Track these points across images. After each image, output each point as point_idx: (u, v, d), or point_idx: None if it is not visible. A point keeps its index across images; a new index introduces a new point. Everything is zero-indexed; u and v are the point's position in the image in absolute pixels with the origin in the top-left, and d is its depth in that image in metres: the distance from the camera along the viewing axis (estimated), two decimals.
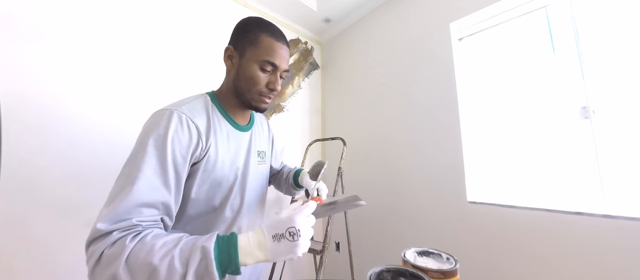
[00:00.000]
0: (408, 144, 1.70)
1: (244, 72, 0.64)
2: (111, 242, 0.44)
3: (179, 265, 0.42)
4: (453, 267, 0.51)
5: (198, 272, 0.42)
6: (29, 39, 1.07)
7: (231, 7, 1.81)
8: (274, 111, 2.02)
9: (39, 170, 1.05)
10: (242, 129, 0.72)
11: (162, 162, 0.52)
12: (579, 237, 1.03)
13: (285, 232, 0.47)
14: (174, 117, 0.55)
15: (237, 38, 0.66)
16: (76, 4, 1.19)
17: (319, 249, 1.46)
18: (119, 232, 0.45)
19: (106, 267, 0.42)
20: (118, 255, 0.42)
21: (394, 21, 1.89)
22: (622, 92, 1.04)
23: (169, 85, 1.45)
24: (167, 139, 0.53)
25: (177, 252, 0.43)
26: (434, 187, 1.53)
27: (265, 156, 0.80)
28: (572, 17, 1.17)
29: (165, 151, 0.52)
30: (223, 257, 0.44)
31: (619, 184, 1.02)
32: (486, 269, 1.26)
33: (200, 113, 0.61)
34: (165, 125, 0.54)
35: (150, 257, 0.42)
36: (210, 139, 0.60)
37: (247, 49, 0.64)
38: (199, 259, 0.42)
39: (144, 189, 0.48)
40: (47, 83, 1.10)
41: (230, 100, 0.69)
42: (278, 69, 0.66)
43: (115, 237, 0.44)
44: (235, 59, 0.66)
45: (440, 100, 1.54)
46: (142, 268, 0.41)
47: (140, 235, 0.45)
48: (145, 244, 0.44)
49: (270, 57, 0.63)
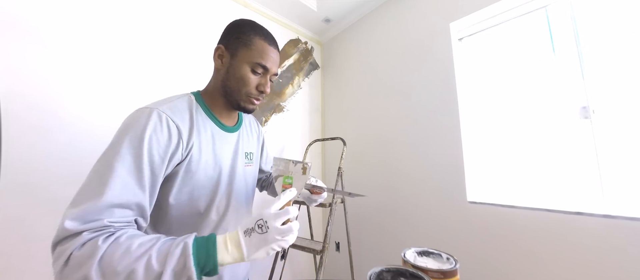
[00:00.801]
0: (408, 144, 1.70)
1: (235, 72, 0.63)
2: (81, 243, 0.42)
3: (157, 264, 0.41)
4: (453, 267, 0.51)
5: (175, 270, 0.41)
6: (28, 39, 1.07)
7: (231, 7, 1.81)
8: (274, 111, 2.02)
9: (39, 170, 1.05)
10: (229, 130, 0.70)
11: (137, 161, 0.49)
12: (579, 237, 1.03)
13: (254, 225, 0.48)
14: (153, 115, 0.53)
15: (229, 38, 0.65)
16: (76, 4, 1.19)
17: (319, 249, 1.46)
18: (90, 233, 0.43)
19: (75, 270, 0.40)
20: (89, 256, 0.40)
21: (394, 21, 1.89)
22: (622, 92, 1.04)
23: (168, 86, 1.45)
24: (145, 137, 0.51)
25: (155, 252, 0.42)
26: (434, 187, 1.53)
27: (253, 157, 0.79)
28: (572, 17, 1.17)
29: (142, 150, 0.50)
30: (201, 255, 0.44)
31: (619, 184, 1.02)
32: (486, 269, 1.26)
33: (182, 112, 0.60)
34: (144, 124, 0.52)
35: (126, 258, 0.41)
36: (193, 139, 0.59)
37: (239, 50, 0.63)
38: (177, 256, 0.42)
39: (116, 188, 0.46)
40: (46, 83, 1.09)
41: (217, 100, 0.68)
42: (268, 72, 0.66)
43: (86, 238, 0.42)
44: (226, 58, 0.65)
45: (440, 100, 1.54)
46: (116, 270, 0.40)
47: (113, 236, 0.44)
48: (119, 244, 0.42)
49: (263, 60, 0.63)
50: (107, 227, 0.44)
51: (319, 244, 1.54)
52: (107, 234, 0.44)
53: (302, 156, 2.09)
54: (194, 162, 0.59)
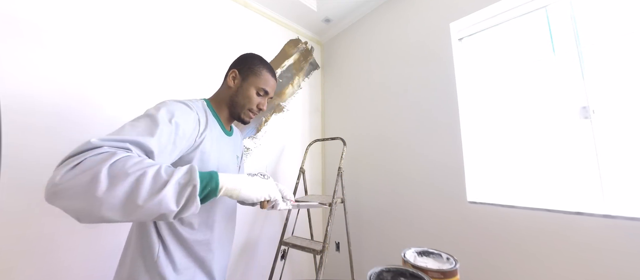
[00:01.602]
0: (408, 144, 1.70)
1: (243, 92, 0.81)
2: (99, 152, 0.45)
3: (165, 175, 0.46)
4: (453, 267, 0.51)
5: (181, 182, 0.47)
6: (29, 39, 1.07)
7: (231, 7, 1.81)
8: (274, 111, 2.02)
9: (39, 170, 1.05)
10: (228, 134, 0.85)
11: (166, 125, 0.57)
12: (579, 237, 1.03)
13: (257, 173, 0.66)
14: (182, 104, 0.66)
15: (242, 66, 0.83)
16: (76, 4, 1.19)
17: (319, 249, 1.46)
18: (110, 147, 0.47)
19: (84, 170, 0.42)
20: (103, 160, 0.43)
21: (394, 21, 1.89)
22: (622, 92, 1.04)
23: (168, 85, 1.45)
24: (175, 113, 0.61)
25: (164, 166, 0.48)
26: (434, 187, 1.53)
27: (240, 161, 0.94)
28: (572, 17, 1.17)
29: (172, 120, 0.59)
30: (204, 175, 0.51)
31: (619, 184, 1.02)
32: (486, 269, 1.26)
33: (201, 110, 0.73)
34: (177, 106, 0.64)
35: (137, 165, 0.45)
36: (206, 131, 0.71)
37: (250, 76, 0.81)
38: (184, 172, 0.48)
39: (140, 133, 0.53)
40: (47, 84, 1.09)
41: (222, 109, 0.83)
42: (267, 95, 0.84)
43: (105, 150, 0.46)
44: (237, 80, 0.82)
45: (441, 100, 1.53)
46: (127, 171, 0.43)
47: (131, 154, 0.48)
48: (134, 157, 0.47)
49: (266, 87, 0.82)
50: (127, 150, 0.49)
51: (319, 244, 1.54)
52: (125, 151, 0.49)
53: (302, 156, 2.09)
54: (206, 153, 0.71)
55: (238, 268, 1.71)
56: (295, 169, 2.11)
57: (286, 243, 1.62)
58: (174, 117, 0.60)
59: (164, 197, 0.44)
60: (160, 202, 0.44)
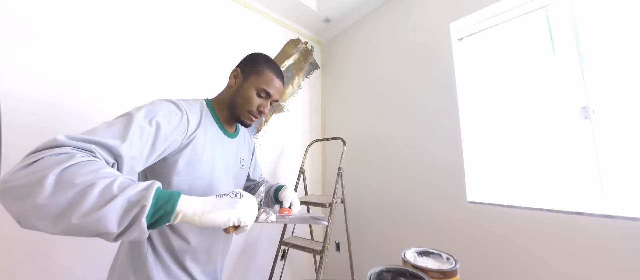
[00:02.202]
0: (408, 144, 1.70)
1: (243, 92, 0.76)
2: (60, 151, 0.42)
3: (116, 188, 0.40)
4: (453, 267, 0.51)
5: (131, 199, 0.40)
6: (28, 39, 1.07)
7: (231, 7, 1.80)
8: (274, 111, 2.02)
9: None
10: (230, 136, 0.81)
11: (143, 126, 0.54)
12: (579, 237, 1.03)
13: (228, 192, 0.55)
14: (170, 103, 0.64)
15: (245, 65, 0.78)
16: (76, 4, 1.19)
17: (319, 249, 1.46)
18: (73, 148, 0.43)
19: (38, 169, 0.38)
20: (58, 162, 0.39)
21: (394, 21, 1.89)
22: (622, 92, 1.04)
23: (168, 85, 1.45)
24: (158, 114, 0.58)
25: (120, 179, 0.42)
26: (434, 187, 1.53)
27: (245, 164, 0.90)
28: (572, 17, 1.17)
29: (152, 121, 0.56)
30: (164, 195, 0.44)
31: (619, 184, 1.02)
32: (486, 269, 1.26)
33: (194, 110, 0.69)
34: (162, 106, 0.61)
35: (90, 175, 0.39)
36: (197, 132, 0.67)
37: (251, 76, 0.76)
38: (140, 188, 0.42)
39: (114, 135, 0.49)
40: (47, 84, 1.09)
41: (223, 110, 0.79)
42: (270, 98, 0.78)
43: (67, 150, 0.42)
44: (239, 79, 0.77)
45: (440, 100, 1.54)
46: (74, 181, 0.38)
47: (92, 158, 0.44)
48: (93, 163, 0.42)
49: (268, 87, 0.76)
50: (91, 152, 0.45)
51: (319, 244, 1.54)
52: (89, 155, 0.44)
53: (302, 156, 2.09)
54: (197, 155, 0.67)
55: (238, 268, 1.71)
56: (295, 169, 2.11)
57: (286, 243, 1.62)
58: (155, 117, 0.56)
59: (105, 214, 0.38)
60: (99, 220, 0.37)
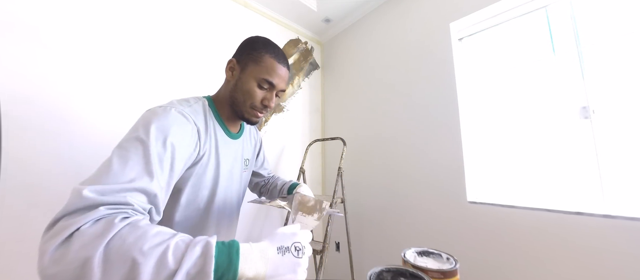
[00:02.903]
0: (408, 144, 1.70)
1: (242, 86, 0.67)
2: (95, 218, 0.37)
3: (172, 260, 0.35)
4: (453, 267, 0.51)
5: (190, 272, 0.35)
6: (29, 40, 1.07)
7: (231, 7, 1.80)
8: (274, 111, 2.02)
9: (39, 171, 1.05)
10: (234, 137, 0.74)
11: (160, 152, 0.48)
12: (579, 237, 1.03)
13: (291, 245, 0.44)
14: (177, 114, 0.55)
15: (242, 53, 0.68)
16: (76, 5, 1.19)
17: (319, 249, 1.46)
18: (108, 208, 0.38)
19: (78, 249, 0.34)
20: (100, 235, 0.35)
21: (394, 21, 1.89)
22: (622, 92, 1.04)
23: (168, 85, 1.45)
24: (170, 131, 0.51)
25: (173, 244, 0.37)
26: (434, 187, 1.53)
27: (249, 164, 0.84)
28: (572, 17, 1.17)
29: (166, 142, 0.49)
30: (222, 259, 0.38)
31: (619, 184, 1.02)
32: (486, 269, 1.26)
33: (200, 116, 0.63)
34: (171, 119, 0.53)
35: (140, 243, 0.35)
36: (207, 142, 0.62)
37: (249, 65, 0.67)
38: (196, 256, 0.36)
39: (138, 172, 0.44)
40: (47, 84, 1.09)
41: (225, 108, 0.71)
42: (275, 88, 0.68)
43: (102, 213, 0.37)
44: (236, 71, 0.68)
45: (440, 100, 1.54)
46: (125, 255, 0.34)
47: (131, 218, 0.39)
48: (138, 227, 0.37)
49: (269, 76, 0.66)
50: (128, 205, 0.41)
51: (319, 244, 1.54)
52: (125, 214, 0.39)
53: (302, 156, 2.09)
54: (204, 164, 0.63)
55: None
56: (295, 169, 2.11)
57: None
58: (168, 136, 0.50)
59: None
60: None
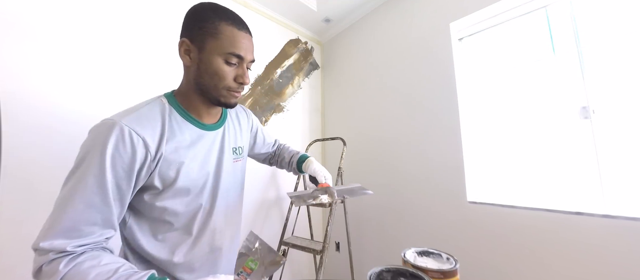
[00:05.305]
0: (408, 144, 1.70)
1: (207, 68, 0.57)
2: (48, 260, 0.46)
3: None
4: (453, 267, 0.51)
5: None
6: (28, 39, 1.07)
7: (231, 7, 1.79)
8: (274, 111, 2.02)
9: (39, 170, 1.05)
10: (211, 128, 0.66)
11: (100, 180, 0.49)
12: (579, 237, 1.03)
13: None
14: (115, 130, 0.50)
15: (191, 29, 0.57)
16: (76, 5, 1.19)
17: (319, 249, 1.46)
18: (54, 254, 0.46)
19: None
20: (50, 276, 0.45)
21: (393, 21, 1.89)
22: (622, 92, 1.04)
23: (168, 85, 1.44)
24: (106, 155, 0.49)
25: None
26: (434, 187, 1.53)
27: (242, 152, 0.76)
28: (572, 17, 1.17)
29: (104, 168, 0.49)
30: None
31: (619, 184, 1.02)
32: (486, 269, 1.26)
33: (151, 121, 0.55)
34: (105, 141, 0.49)
35: None
36: (163, 147, 0.55)
37: (206, 41, 0.56)
38: None
39: (81, 208, 0.48)
40: (46, 84, 1.09)
41: (192, 99, 0.62)
42: (244, 61, 0.60)
43: (51, 257, 0.46)
44: (193, 53, 0.58)
45: (441, 100, 1.53)
46: None
47: (76, 259, 0.46)
48: (79, 272, 0.45)
49: (235, 49, 0.57)
50: (68, 253, 0.47)
51: (319, 244, 1.54)
52: (69, 258, 0.46)
53: None
54: (172, 170, 0.57)
55: None
56: None
57: (286, 243, 1.62)
58: (105, 164, 0.49)
59: None
60: None
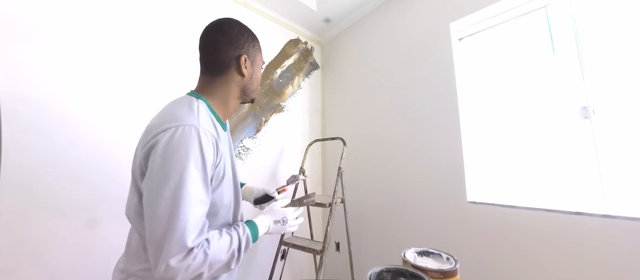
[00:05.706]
0: (408, 144, 1.70)
1: (256, 76, 0.73)
2: (193, 256, 0.54)
3: (236, 245, 0.62)
4: (453, 267, 0.51)
5: (243, 244, 0.64)
6: (29, 39, 1.07)
7: (231, 7, 1.80)
8: (274, 111, 2.02)
9: (39, 170, 1.05)
10: (225, 128, 0.76)
11: (204, 178, 0.57)
12: (579, 237, 1.03)
13: (280, 219, 0.76)
14: (201, 134, 0.57)
15: (247, 46, 0.70)
16: (76, 4, 1.19)
17: (319, 249, 1.46)
18: (198, 248, 0.55)
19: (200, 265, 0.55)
20: (202, 262, 0.55)
21: (393, 21, 1.89)
22: (622, 92, 1.04)
23: (168, 85, 1.45)
24: (205, 156, 0.57)
25: (236, 241, 0.62)
26: (434, 187, 1.53)
27: None
28: (572, 17, 1.17)
29: (206, 168, 0.57)
30: (254, 231, 0.69)
31: (619, 184, 1.02)
32: (486, 269, 1.26)
33: (210, 124, 0.64)
34: (199, 145, 0.56)
35: (221, 254, 0.59)
36: (221, 147, 0.64)
37: (256, 56, 0.72)
38: (246, 235, 0.65)
39: (196, 206, 0.56)
40: (46, 83, 1.09)
41: (230, 104, 0.71)
42: None
43: (196, 252, 0.55)
44: (248, 66, 0.70)
45: (440, 100, 1.54)
46: (221, 259, 0.59)
47: (208, 243, 0.57)
48: (216, 247, 0.58)
49: (263, 58, 0.76)
50: (200, 244, 0.56)
51: (319, 244, 1.54)
52: (205, 246, 0.57)
53: (302, 156, 2.09)
54: (222, 166, 0.65)
55: (238, 268, 1.71)
56: (295, 169, 2.11)
57: (286, 243, 1.62)
58: (206, 164, 0.57)
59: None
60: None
